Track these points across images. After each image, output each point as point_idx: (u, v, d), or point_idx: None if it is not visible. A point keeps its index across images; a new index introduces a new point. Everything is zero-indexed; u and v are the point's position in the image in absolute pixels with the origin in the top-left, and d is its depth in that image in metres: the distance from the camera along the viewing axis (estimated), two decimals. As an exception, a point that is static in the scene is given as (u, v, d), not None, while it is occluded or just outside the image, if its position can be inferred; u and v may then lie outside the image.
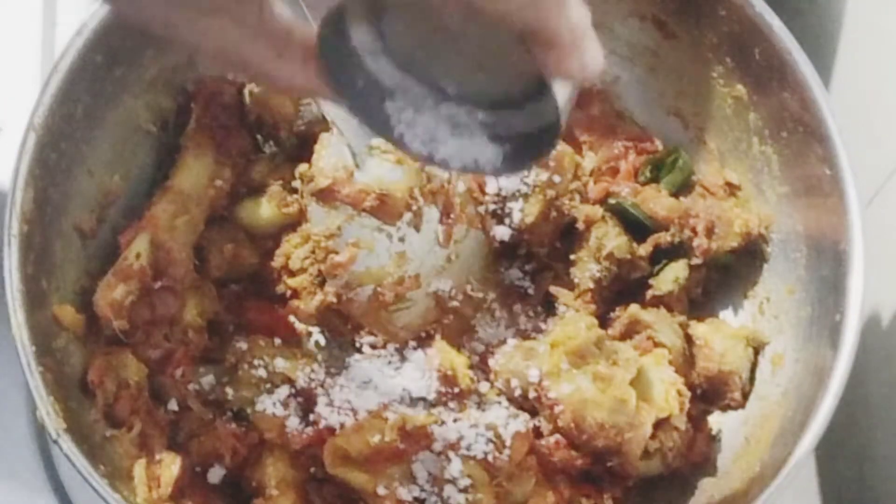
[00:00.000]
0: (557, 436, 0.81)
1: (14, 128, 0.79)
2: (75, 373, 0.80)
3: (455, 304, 0.89)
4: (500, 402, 0.84)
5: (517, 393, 0.83)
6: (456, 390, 0.83)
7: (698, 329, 0.86)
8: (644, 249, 0.89)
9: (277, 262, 0.89)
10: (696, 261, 0.88)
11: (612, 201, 0.90)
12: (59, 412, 0.74)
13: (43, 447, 0.90)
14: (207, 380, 0.84)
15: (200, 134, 0.89)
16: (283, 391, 0.83)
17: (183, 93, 0.91)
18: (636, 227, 0.89)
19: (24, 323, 0.75)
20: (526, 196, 0.88)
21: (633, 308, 0.87)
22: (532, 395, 0.82)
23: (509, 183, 0.88)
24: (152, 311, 0.84)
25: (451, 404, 0.83)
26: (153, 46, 0.86)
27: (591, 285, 0.88)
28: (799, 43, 0.82)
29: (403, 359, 0.87)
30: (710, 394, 0.86)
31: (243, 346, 0.84)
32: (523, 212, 0.88)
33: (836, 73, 0.98)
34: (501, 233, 0.89)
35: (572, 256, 0.89)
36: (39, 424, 0.75)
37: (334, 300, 0.86)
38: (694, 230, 0.87)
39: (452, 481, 0.79)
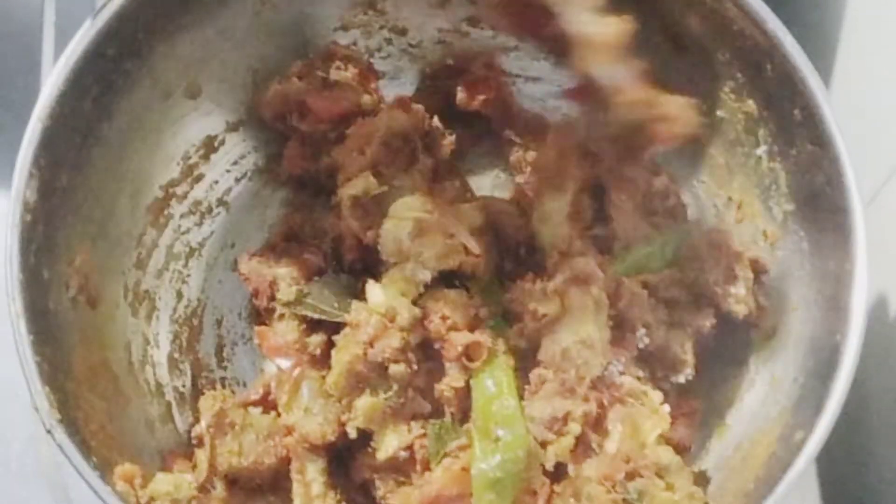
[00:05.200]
0: None
1: (21, 118, 0.79)
2: (73, 364, 0.80)
3: None
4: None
5: None
6: None
7: None
8: None
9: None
10: None
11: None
12: (53, 403, 0.74)
13: (43, 445, 0.90)
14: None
15: None
16: None
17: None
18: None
19: (22, 312, 0.75)
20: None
21: None
22: None
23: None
24: None
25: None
26: (165, 41, 0.86)
27: None
28: (799, 43, 0.81)
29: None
30: None
31: None
32: None
33: (836, 73, 0.98)
34: None
35: None
36: (38, 418, 0.75)
37: None
38: None
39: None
